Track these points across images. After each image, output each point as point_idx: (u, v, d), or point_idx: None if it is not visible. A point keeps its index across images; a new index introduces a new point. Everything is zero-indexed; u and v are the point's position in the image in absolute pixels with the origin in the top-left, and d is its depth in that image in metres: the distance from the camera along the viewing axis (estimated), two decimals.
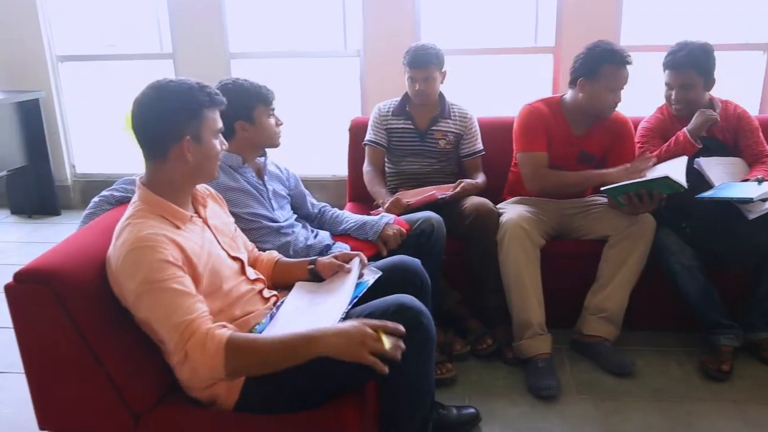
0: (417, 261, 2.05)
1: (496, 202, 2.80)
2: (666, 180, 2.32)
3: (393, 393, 1.74)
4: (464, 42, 3.90)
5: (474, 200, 2.64)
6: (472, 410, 2.25)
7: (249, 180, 2.25)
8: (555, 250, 2.69)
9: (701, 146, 2.61)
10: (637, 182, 2.41)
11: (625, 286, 2.58)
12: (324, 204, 2.60)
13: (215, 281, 1.68)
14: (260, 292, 1.86)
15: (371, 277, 1.92)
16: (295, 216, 2.45)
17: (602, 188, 2.51)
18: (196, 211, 1.76)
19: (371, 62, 3.84)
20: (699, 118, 2.62)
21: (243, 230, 2.16)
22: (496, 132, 2.99)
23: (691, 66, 2.63)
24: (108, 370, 1.58)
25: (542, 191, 2.69)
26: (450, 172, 2.96)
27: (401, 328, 1.54)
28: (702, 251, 2.54)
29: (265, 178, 2.32)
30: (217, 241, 1.77)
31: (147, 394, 1.66)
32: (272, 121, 2.28)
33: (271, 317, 1.77)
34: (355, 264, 1.92)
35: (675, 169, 2.36)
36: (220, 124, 1.71)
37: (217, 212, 1.89)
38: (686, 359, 2.62)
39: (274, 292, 1.94)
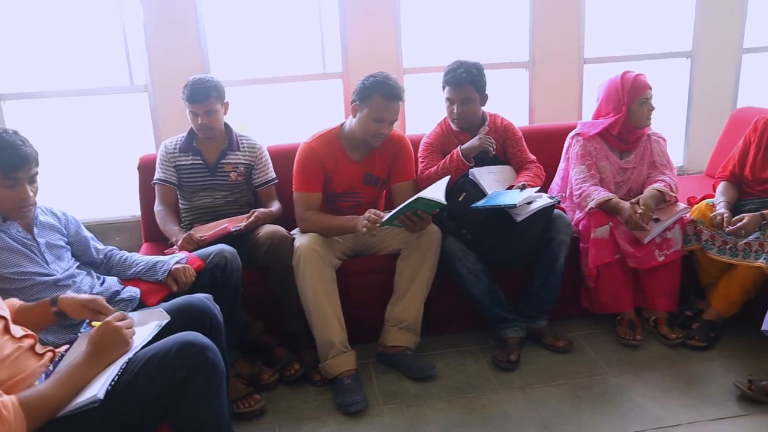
0: (204, 300, 2.02)
1: (294, 228, 2.85)
2: (421, 200, 2.43)
3: None
4: (255, 71, 3.93)
5: (267, 228, 2.66)
6: None
7: (14, 236, 2.07)
8: (353, 269, 2.79)
9: (472, 164, 2.83)
10: (400, 209, 2.48)
11: (419, 294, 2.73)
12: (111, 248, 2.47)
13: None
14: (31, 348, 1.74)
15: (160, 321, 1.87)
16: (77, 264, 2.30)
17: (382, 222, 2.51)
18: None
19: (160, 97, 3.73)
20: (476, 142, 2.82)
21: (13, 290, 2.02)
22: (289, 159, 3.03)
23: (469, 82, 2.86)
24: None
25: (307, 231, 2.69)
26: (245, 203, 2.96)
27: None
28: (483, 254, 2.77)
29: (35, 231, 2.15)
30: None
31: None
32: (9, 193, 2.00)
33: (47, 375, 1.67)
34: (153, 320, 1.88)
35: (431, 188, 2.51)
36: None
37: None
38: (481, 355, 2.83)
39: (49, 347, 1.82)
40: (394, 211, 2.47)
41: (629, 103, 2.87)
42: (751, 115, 3.02)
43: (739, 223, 2.60)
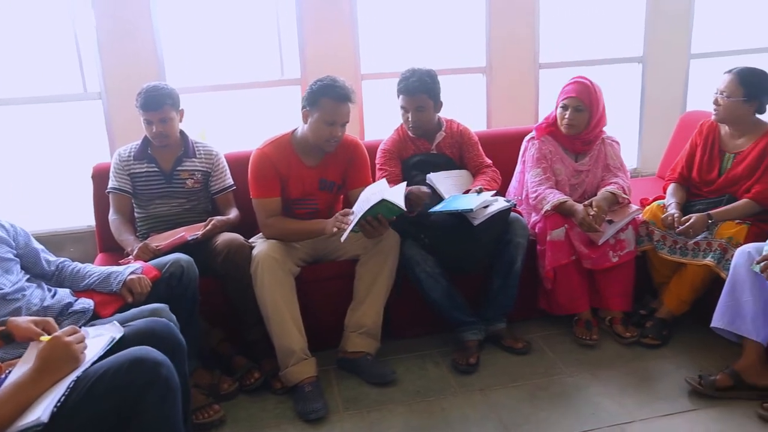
0: (166, 323, 1.98)
1: (253, 235, 2.83)
2: (384, 203, 2.43)
3: None
4: (212, 78, 3.89)
5: (225, 236, 2.64)
6: None
7: None
8: (312, 276, 2.79)
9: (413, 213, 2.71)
10: (364, 212, 2.47)
11: (379, 300, 2.74)
12: (63, 259, 2.41)
13: None
14: None
15: (114, 334, 1.84)
16: (27, 277, 2.25)
17: (342, 238, 2.49)
18: None
19: (115, 105, 3.66)
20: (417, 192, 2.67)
21: None
22: (247, 166, 3.00)
23: (422, 91, 2.88)
24: None
25: (272, 238, 2.69)
26: (202, 211, 2.93)
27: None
28: (442, 258, 2.79)
29: None
30: None
31: None
32: None
33: None
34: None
35: (393, 192, 2.51)
36: None
37: None
38: (441, 359, 2.85)
39: None
40: (358, 218, 2.47)
41: (557, 101, 2.98)
42: (698, 119, 3.11)
43: (687, 223, 2.68)
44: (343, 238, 2.47)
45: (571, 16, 4.50)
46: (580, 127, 2.97)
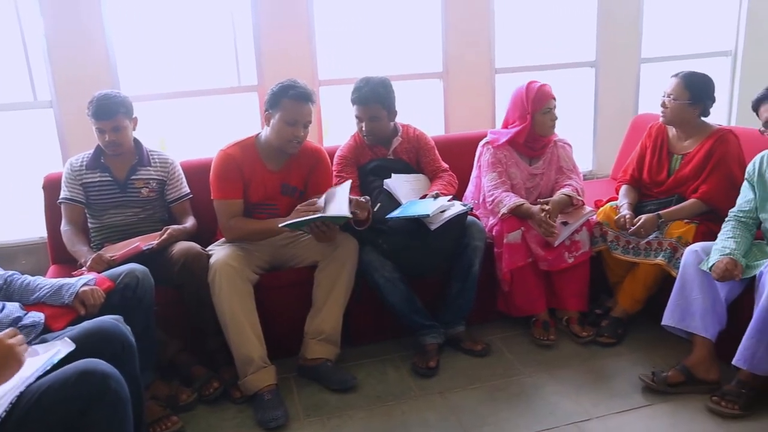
0: (115, 323, 1.96)
1: (210, 243, 2.80)
2: (326, 216, 2.49)
3: None
4: (168, 85, 3.84)
5: (182, 245, 2.61)
6: None
7: None
8: (271, 283, 2.77)
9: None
10: (308, 219, 2.50)
11: (338, 306, 2.74)
12: (12, 272, 2.35)
13: None
14: None
15: (63, 349, 1.80)
16: None
17: (281, 224, 2.54)
18: None
19: (68, 113, 3.59)
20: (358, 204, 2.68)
21: None
22: (204, 173, 2.96)
23: (375, 101, 2.89)
24: None
25: (234, 240, 2.71)
26: (158, 220, 2.89)
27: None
28: (400, 263, 2.80)
29: None
30: None
31: None
32: None
33: None
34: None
35: (336, 202, 2.55)
36: None
37: None
38: (401, 363, 2.86)
39: None
40: (302, 219, 2.48)
41: (533, 112, 2.98)
42: (649, 121, 3.19)
43: (638, 224, 2.75)
44: (282, 224, 2.51)
45: (525, 21, 4.58)
46: None
